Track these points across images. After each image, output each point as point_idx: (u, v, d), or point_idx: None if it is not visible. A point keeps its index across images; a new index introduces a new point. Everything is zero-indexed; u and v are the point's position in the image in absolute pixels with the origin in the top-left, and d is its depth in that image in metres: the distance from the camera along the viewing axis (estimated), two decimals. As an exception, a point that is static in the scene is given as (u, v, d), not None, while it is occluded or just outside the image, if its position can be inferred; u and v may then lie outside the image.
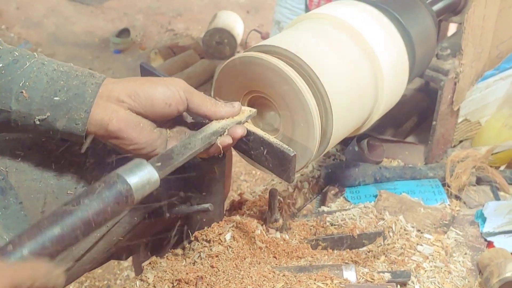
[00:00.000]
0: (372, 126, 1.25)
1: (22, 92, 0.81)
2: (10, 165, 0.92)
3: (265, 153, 0.90)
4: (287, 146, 0.87)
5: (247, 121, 0.93)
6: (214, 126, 0.88)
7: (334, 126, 0.93)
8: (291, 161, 0.87)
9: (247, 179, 2.97)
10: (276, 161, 0.89)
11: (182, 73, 3.48)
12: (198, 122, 0.93)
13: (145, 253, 1.17)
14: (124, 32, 4.12)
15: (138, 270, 1.23)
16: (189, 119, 0.94)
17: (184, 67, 3.62)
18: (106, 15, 4.49)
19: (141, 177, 0.75)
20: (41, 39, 4.09)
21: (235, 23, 3.97)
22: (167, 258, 1.06)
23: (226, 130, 0.87)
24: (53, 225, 0.67)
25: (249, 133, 0.91)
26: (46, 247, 0.66)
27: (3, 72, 0.81)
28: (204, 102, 0.88)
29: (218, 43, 3.82)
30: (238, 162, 2.78)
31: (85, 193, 0.71)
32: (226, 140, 0.87)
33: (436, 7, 1.32)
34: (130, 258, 1.39)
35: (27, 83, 0.81)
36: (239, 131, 0.88)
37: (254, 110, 0.94)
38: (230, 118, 0.90)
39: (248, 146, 0.93)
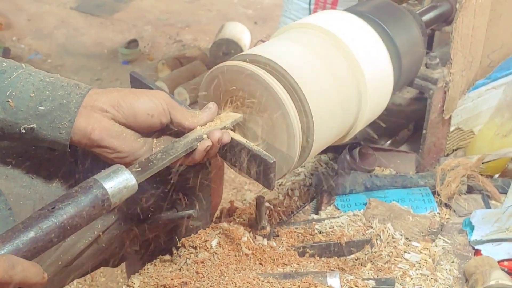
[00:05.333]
0: (366, 135, 1.26)
1: (8, 101, 0.84)
2: (0, 172, 0.94)
3: (247, 160, 0.92)
4: (267, 153, 0.89)
5: (232, 127, 0.95)
6: (197, 132, 0.91)
7: (315, 134, 0.94)
8: (270, 168, 0.88)
9: (251, 189, 2.97)
10: (257, 168, 0.90)
11: (189, 83, 3.50)
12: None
13: (137, 261, 1.19)
14: (132, 43, 4.15)
15: (131, 277, 1.25)
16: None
17: (191, 77, 3.65)
18: (115, 26, 4.54)
19: (118, 182, 0.78)
20: (51, 50, 4.14)
21: (242, 34, 3.99)
22: (155, 264, 1.08)
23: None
24: (28, 229, 0.70)
25: (232, 141, 0.93)
26: (19, 249, 0.69)
27: None
28: (185, 116, 0.91)
29: (225, 54, 3.84)
30: (242, 172, 2.79)
31: (61, 198, 0.74)
32: (206, 143, 0.89)
33: (426, 17, 1.33)
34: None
35: (14, 93, 0.84)
36: (217, 134, 0.90)
37: (239, 115, 0.96)
38: (213, 124, 0.92)
39: (231, 154, 0.95)
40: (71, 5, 4.85)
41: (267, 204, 1.28)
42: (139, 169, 0.83)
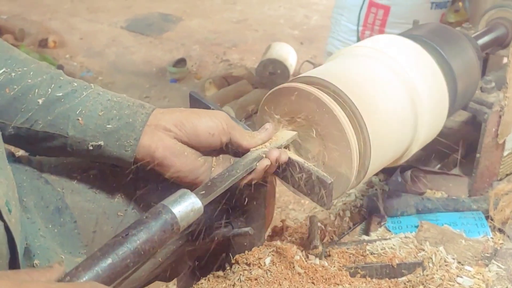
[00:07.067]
0: (417, 157, 1.26)
1: (78, 119, 0.88)
2: (66, 187, 0.99)
3: (303, 179, 0.94)
4: (325, 174, 0.91)
5: (288, 145, 0.98)
6: (255, 152, 0.93)
7: (372, 156, 0.95)
8: (328, 188, 0.90)
9: (295, 208, 2.99)
10: (314, 187, 0.92)
11: (235, 102, 3.54)
12: None
13: (189, 277, 1.22)
14: (180, 62, 4.24)
15: (183, 292, 1.27)
16: None
17: (237, 96, 3.69)
18: (164, 45, 4.65)
19: (185, 206, 0.80)
20: (102, 68, 4.26)
21: (288, 54, 4.03)
22: (208, 280, 1.11)
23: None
24: (106, 256, 0.73)
25: (289, 159, 0.95)
26: (99, 275, 0.71)
27: (62, 100, 0.89)
28: (243, 136, 0.93)
29: (271, 74, 3.88)
30: (287, 191, 2.80)
31: (134, 225, 0.77)
32: (265, 162, 0.92)
33: (482, 41, 1.34)
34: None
35: (83, 111, 0.88)
36: (275, 153, 0.92)
37: (294, 133, 0.99)
38: (270, 143, 0.94)
39: (288, 172, 0.97)
40: (122, 24, 5.00)
41: (318, 224, 1.29)
42: (203, 192, 0.86)
